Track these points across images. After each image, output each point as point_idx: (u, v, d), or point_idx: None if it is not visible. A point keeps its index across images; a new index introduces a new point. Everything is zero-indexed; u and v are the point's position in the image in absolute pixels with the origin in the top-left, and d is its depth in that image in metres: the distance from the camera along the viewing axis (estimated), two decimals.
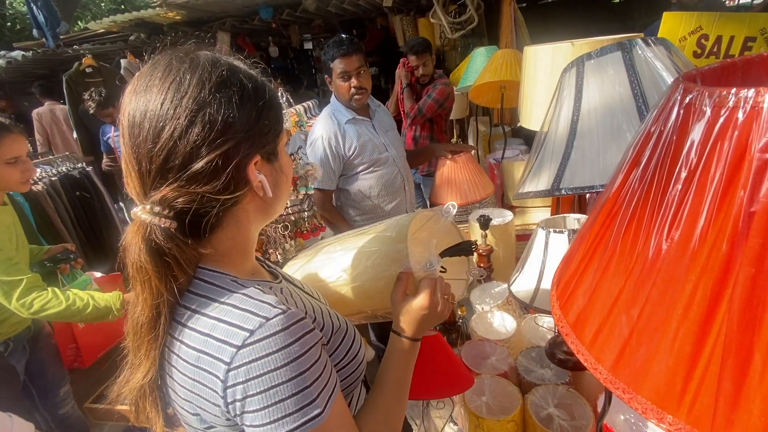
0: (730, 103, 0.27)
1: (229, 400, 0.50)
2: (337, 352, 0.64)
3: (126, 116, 0.53)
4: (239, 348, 0.49)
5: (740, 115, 0.26)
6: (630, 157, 0.36)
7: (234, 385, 0.49)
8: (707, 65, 0.38)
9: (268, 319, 0.50)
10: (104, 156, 3.55)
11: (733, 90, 0.27)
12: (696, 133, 0.29)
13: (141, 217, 0.51)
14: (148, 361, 0.55)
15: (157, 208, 0.50)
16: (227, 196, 0.53)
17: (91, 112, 3.20)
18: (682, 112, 0.30)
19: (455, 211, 0.81)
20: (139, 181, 0.53)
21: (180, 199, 0.50)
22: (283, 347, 0.49)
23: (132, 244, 0.52)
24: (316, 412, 0.50)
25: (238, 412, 0.50)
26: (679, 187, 0.29)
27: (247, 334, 0.49)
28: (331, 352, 0.63)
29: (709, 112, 0.28)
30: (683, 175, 0.29)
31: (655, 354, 0.30)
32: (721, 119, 0.27)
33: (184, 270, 0.53)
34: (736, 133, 0.26)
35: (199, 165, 0.50)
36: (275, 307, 0.52)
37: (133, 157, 0.52)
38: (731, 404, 0.26)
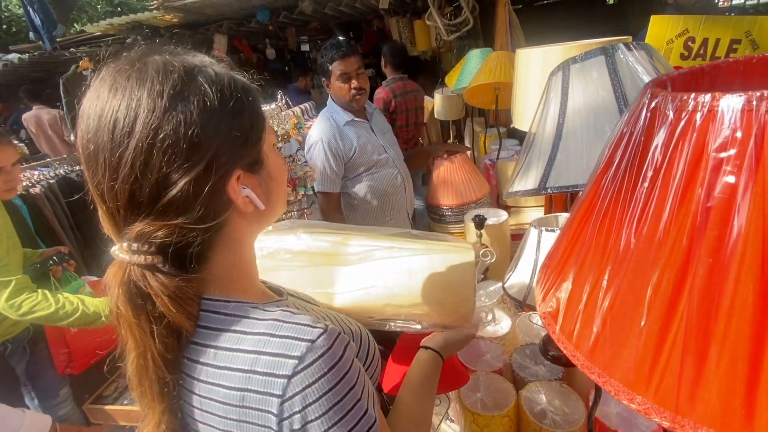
0: (690, 107, 0.29)
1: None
2: (358, 356, 0.65)
3: (81, 149, 0.46)
4: (290, 377, 0.45)
5: (698, 117, 0.29)
6: (605, 158, 0.38)
7: (291, 416, 0.45)
8: (679, 71, 0.40)
9: (313, 342, 0.47)
10: None
11: (693, 95, 0.29)
12: (660, 136, 0.31)
13: (120, 256, 0.46)
14: (157, 412, 0.49)
15: (135, 245, 0.45)
16: (208, 224, 0.47)
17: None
18: (649, 115, 0.33)
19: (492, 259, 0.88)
20: (109, 219, 0.48)
21: (158, 233, 0.45)
22: (333, 366, 0.47)
23: (111, 287, 0.47)
24: (372, 421, 0.49)
25: None
26: (646, 185, 0.32)
27: (296, 362, 0.45)
28: None
29: (671, 115, 0.30)
30: (649, 174, 0.31)
31: (625, 340, 0.32)
32: (682, 122, 0.29)
33: (182, 307, 0.47)
34: (695, 135, 0.29)
35: (170, 195, 0.44)
36: (314, 327, 0.48)
37: (97, 194, 0.47)
38: (693, 384, 0.29)
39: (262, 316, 0.50)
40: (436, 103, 3.32)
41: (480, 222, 1.44)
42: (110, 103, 0.44)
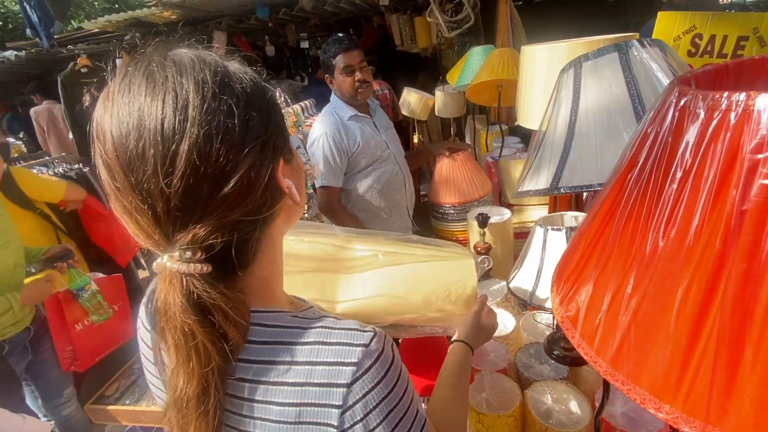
0: (723, 106, 0.28)
1: None
2: None
3: (110, 148, 0.41)
4: (349, 385, 0.43)
5: (732, 117, 0.27)
6: (627, 158, 0.37)
7: (352, 426, 0.43)
8: (701, 68, 0.39)
9: (367, 346, 0.45)
10: None
11: (726, 93, 0.28)
12: (690, 135, 0.30)
13: (171, 268, 0.41)
14: None
15: (188, 254, 0.41)
16: (266, 213, 0.45)
17: (86, 105, 3.19)
18: (677, 114, 0.32)
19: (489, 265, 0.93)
20: (155, 226, 0.42)
21: (214, 234, 0.41)
22: (388, 369, 0.45)
23: (170, 303, 0.42)
24: (423, 420, 0.48)
25: None
26: (675, 186, 0.31)
27: (354, 368, 0.44)
28: None
29: (702, 114, 0.29)
30: (678, 175, 0.30)
31: (652, 347, 0.31)
32: (714, 121, 0.28)
33: (236, 322, 0.44)
34: (729, 134, 0.28)
35: (229, 186, 0.41)
36: (364, 330, 0.46)
37: (137, 198, 0.41)
38: (725, 394, 0.28)
39: (305, 324, 0.47)
40: (437, 101, 3.31)
41: (483, 220, 1.43)
42: (153, 99, 0.41)
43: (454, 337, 0.84)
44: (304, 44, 5.33)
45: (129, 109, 0.41)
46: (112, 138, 0.41)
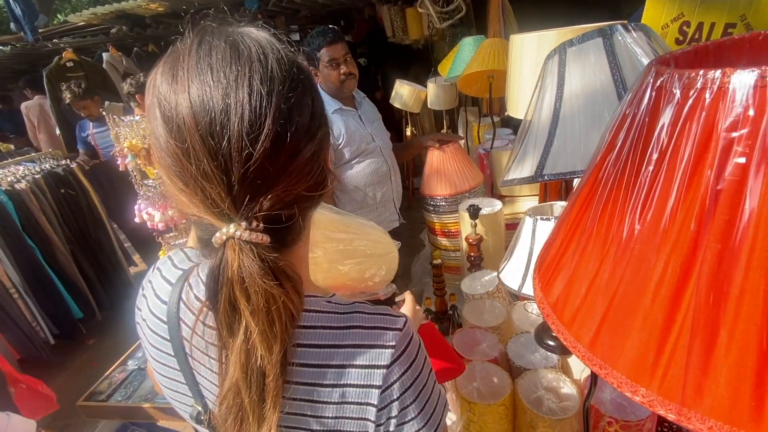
0: (698, 85, 0.27)
1: (382, 421, 0.47)
2: None
3: (185, 110, 0.41)
4: (389, 366, 0.46)
5: (707, 95, 0.27)
6: (606, 141, 0.37)
7: (389, 404, 0.46)
8: (681, 49, 0.38)
9: (401, 329, 0.48)
10: (81, 153, 3.43)
11: (701, 72, 0.27)
12: (666, 115, 0.29)
13: (238, 236, 0.42)
14: (275, 414, 0.44)
15: (253, 224, 0.42)
16: (321, 192, 0.47)
17: (67, 102, 3.10)
18: (653, 94, 0.31)
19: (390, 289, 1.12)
20: (226, 195, 0.42)
21: (278, 206, 0.42)
22: (418, 350, 0.49)
23: (247, 270, 0.42)
24: (444, 398, 0.52)
25: (392, 429, 0.47)
26: (651, 168, 0.30)
27: (392, 350, 0.46)
28: None
29: (678, 94, 0.29)
30: (654, 156, 0.30)
31: (629, 330, 0.31)
32: (690, 100, 0.28)
33: (299, 291, 0.45)
34: (704, 113, 0.27)
35: (302, 158, 0.43)
36: (396, 315, 0.49)
37: (212, 164, 0.40)
38: (700, 376, 0.27)
39: (340, 310, 0.49)
40: (429, 93, 3.29)
41: (475, 212, 1.43)
42: (240, 69, 0.41)
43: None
44: (295, 36, 5.27)
45: (215, 75, 0.41)
46: (190, 100, 0.41)
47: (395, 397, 0.46)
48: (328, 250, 0.94)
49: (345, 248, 0.97)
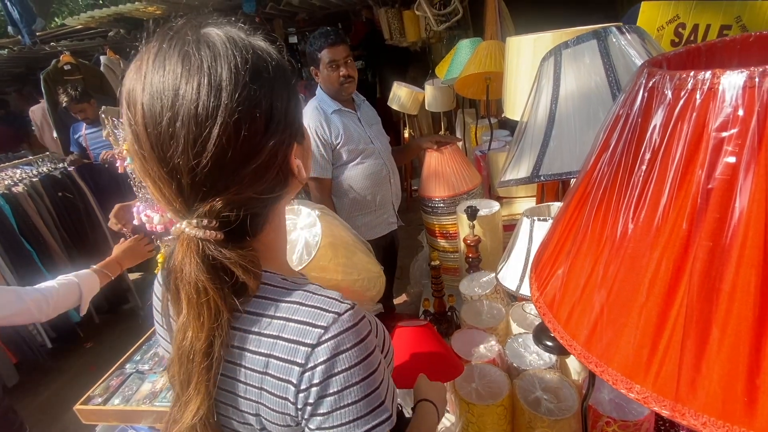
0: (689, 86, 0.28)
1: (299, 405, 0.46)
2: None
3: (139, 120, 0.43)
4: (314, 347, 0.45)
5: (698, 96, 0.27)
6: (600, 141, 0.37)
7: (309, 387, 0.45)
8: (673, 51, 0.39)
9: (339, 315, 0.46)
10: (73, 154, 3.41)
11: (692, 73, 0.28)
12: (658, 116, 0.30)
13: (188, 232, 0.45)
14: (200, 396, 0.47)
15: (204, 221, 0.44)
16: (278, 193, 0.49)
17: (63, 105, 3.09)
18: (646, 95, 0.32)
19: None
20: (176, 196, 0.46)
21: (229, 207, 0.45)
22: (354, 345, 0.46)
23: (186, 263, 0.45)
24: (386, 415, 0.47)
25: (307, 416, 0.46)
26: (644, 168, 0.31)
27: (321, 331, 0.45)
28: None
29: (670, 95, 0.29)
30: (647, 156, 0.30)
31: (623, 328, 0.31)
32: (681, 101, 0.28)
33: (254, 273, 0.47)
34: (695, 114, 0.28)
35: (250, 167, 0.44)
36: (343, 302, 0.48)
37: (163, 170, 0.44)
38: (693, 372, 0.28)
39: (291, 287, 0.50)
40: (427, 95, 3.30)
41: (472, 213, 1.43)
42: (188, 81, 0.42)
43: (424, 395, 0.81)
44: (293, 39, 5.28)
45: (163, 87, 0.43)
46: (143, 111, 0.43)
47: (315, 381, 0.44)
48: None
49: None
